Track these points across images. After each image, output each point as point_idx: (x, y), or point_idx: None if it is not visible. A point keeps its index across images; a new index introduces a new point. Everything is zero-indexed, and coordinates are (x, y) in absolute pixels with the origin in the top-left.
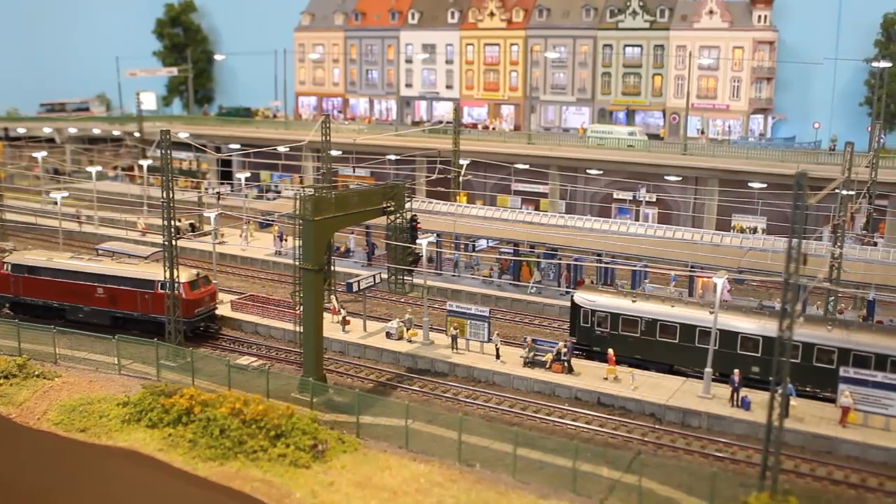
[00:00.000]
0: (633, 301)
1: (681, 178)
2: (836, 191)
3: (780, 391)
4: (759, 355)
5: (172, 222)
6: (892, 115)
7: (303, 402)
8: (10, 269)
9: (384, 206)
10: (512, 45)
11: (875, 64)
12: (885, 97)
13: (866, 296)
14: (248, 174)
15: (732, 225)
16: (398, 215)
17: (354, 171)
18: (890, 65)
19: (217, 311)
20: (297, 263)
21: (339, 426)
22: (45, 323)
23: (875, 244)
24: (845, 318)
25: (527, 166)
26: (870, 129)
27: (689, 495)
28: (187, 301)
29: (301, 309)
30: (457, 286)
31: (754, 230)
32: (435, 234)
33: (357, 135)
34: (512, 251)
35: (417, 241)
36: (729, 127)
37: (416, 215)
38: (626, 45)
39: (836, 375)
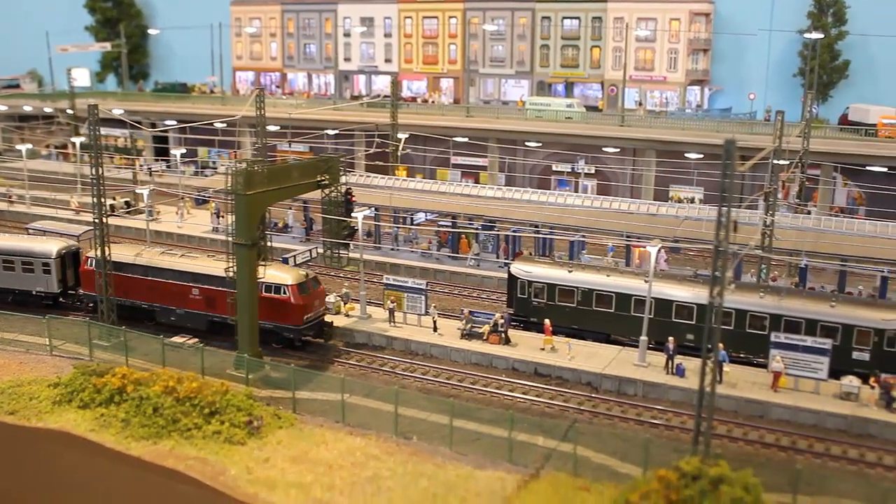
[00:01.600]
0: (570, 271)
1: (619, 150)
2: (771, 160)
3: (711, 357)
4: (693, 323)
5: (103, 200)
6: (825, 86)
7: (238, 378)
8: (94, 264)
9: (318, 179)
10: (450, 17)
11: (807, 35)
12: (817, 68)
13: (798, 263)
14: (184, 150)
15: (670, 195)
16: (333, 189)
17: (290, 146)
18: (822, 36)
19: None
20: (229, 238)
21: (275, 402)
22: (133, 325)
23: (809, 212)
24: (777, 285)
25: (466, 139)
26: (803, 99)
27: (624, 462)
28: (296, 306)
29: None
30: (395, 260)
31: (691, 200)
32: (372, 208)
33: (293, 109)
34: (450, 224)
35: (353, 214)
36: (666, 98)
37: (350, 189)
38: (564, 17)
39: (769, 341)
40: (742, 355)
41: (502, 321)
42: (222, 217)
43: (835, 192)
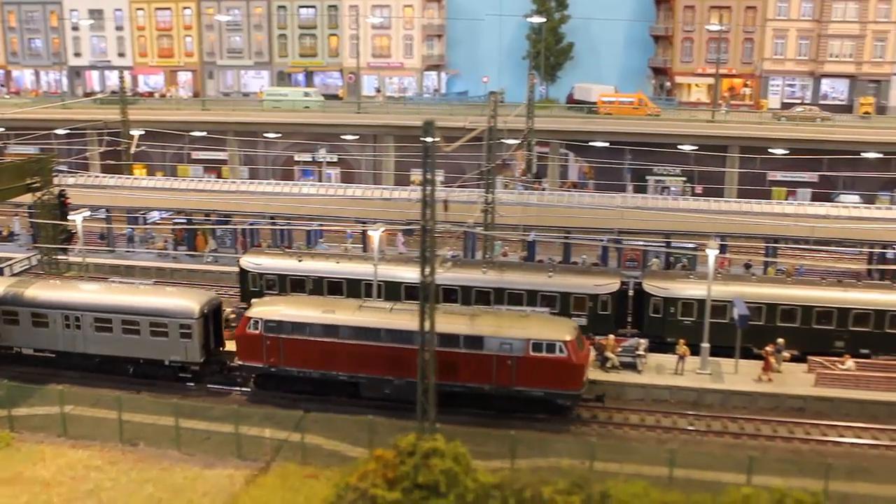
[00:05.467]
0: (300, 261)
1: (358, 137)
2: (486, 139)
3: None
4: None
5: None
6: (552, 68)
7: None
8: (261, 327)
9: (28, 182)
10: (184, 8)
11: (532, 20)
12: (543, 51)
13: (527, 237)
14: None
15: (411, 179)
16: (45, 192)
17: (6, 148)
18: (545, 20)
19: None
20: None
21: None
22: (322, 402)
23: (543, 188)
24: (502, 260)
25: (204, 133)
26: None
27: (355, 446)
28: (576, 367)
29: None
30: (130, 262)
31: None
32: (102, 209)
33: (13, 109)
34: (185, 221)
35: (69, 217)
36: (405, 84)
37: (64, 190)
38: (300, 7)
39: None
40: None
41: (234, 316)
42: None
43: (568, 168)
